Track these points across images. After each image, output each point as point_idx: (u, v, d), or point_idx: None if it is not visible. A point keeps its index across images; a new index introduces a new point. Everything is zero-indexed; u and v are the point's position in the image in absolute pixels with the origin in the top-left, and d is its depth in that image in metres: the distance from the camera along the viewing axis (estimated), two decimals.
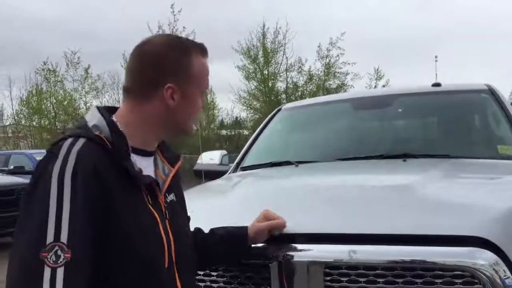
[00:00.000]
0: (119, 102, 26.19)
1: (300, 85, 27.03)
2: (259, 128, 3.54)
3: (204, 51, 1.35)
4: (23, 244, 1.05)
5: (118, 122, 1.25)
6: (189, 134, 1.38)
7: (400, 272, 1.42)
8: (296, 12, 36.59)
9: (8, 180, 9.14)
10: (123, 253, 1.14)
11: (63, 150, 1.12)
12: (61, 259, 1.02)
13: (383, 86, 25.50)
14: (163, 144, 1.41)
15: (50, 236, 1.03)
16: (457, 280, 1.38)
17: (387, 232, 1.50)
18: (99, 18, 38.69)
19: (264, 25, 25.91)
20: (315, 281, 1.48)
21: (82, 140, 1.14)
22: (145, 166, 1.27)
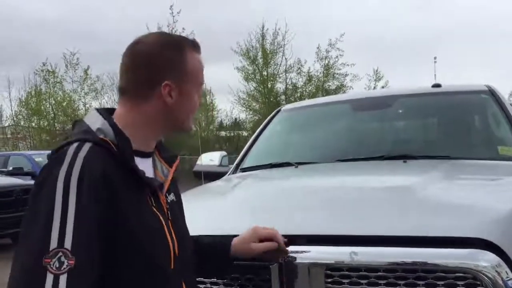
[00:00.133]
0: (117, 103, 26.01)
1: (299, 86, 27.06)
2: (259, 129, 3.53)
3: (197, 47, 1.35)
4: (26, 249, 1.03)
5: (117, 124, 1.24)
6: (187, 131, 1.38)
7: (401, 274, 1.41)
8: (296, 13, 36.47)
9: (7, 181, 9.10)
10: (130, 257, 1.13)
11: (69, 155, 1.10)
12: (64, 265, 0.99)
13: (382, 87, 25.51)
14: (160, 144, 1.40)
15: (53, 242, 1.00)
16: (459, 282, 1.37)
17: (389, 234, 1.49)
18: (99, 18, 38.67)
19: (263, 26, 25.95)
20: (316, 282, 1.47)
21: (88, 145, 1.13)
22: (144, 168, 1.26)
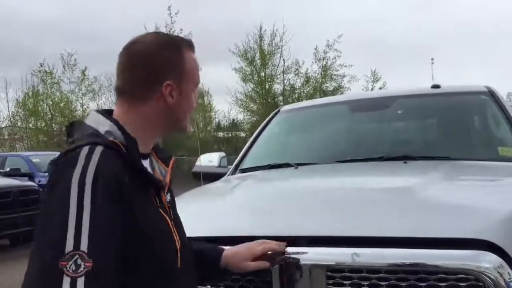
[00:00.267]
0: (115, 104, 25.95)
1: (297, 87, 27.10)
2: (258, 130, 3.52)
3: (193, 46, 1.36)
4: (42, 252, 1.02)
5: None
6: (185, 131, 1.39)
7: (403, 275, 1.40)
8: (294, 14, 36.69)
9: (4, 183, 9.05)
10: (143, 258, 1.13)
11: (82, 157, 1.09)
12: (81, 268, 0.99)
13: (380, 88, 25.55)
14: (156, 145, 1.40)
15: (69, 245, 1.00)
16: (461, 284, 1.36)
17: (390, 235, 1.48)
18: (99, 18, 38.62)
19: (261, 27, 25.99)
20: (317, 284, 1.47)
21: (100, 147, 1.12)
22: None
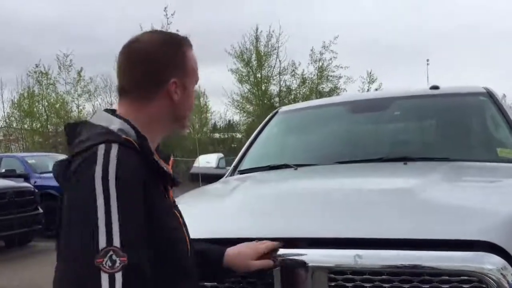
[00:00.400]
0: (111, 105, 25.95)
1: (293, 88, 27.09)
2: (256, 131, 3.51)
3: (191, 44, 1.37)
4: (76, 253, 1.02)
5: None
6: (185, 130, 1.39)
7: (406, 277, 1.40)
8: (290, 15, 36.66)
9: (0, 184, 9.02)
10: (163, 253, 1.15)
11: (100, 156, 1.09)
12: (117, 263, 1.01)
13: (376, 89, 25.57)
14: (158, 145, 1.40)
15: (102, 242, 1.01)
16: (464, 285, 1.36)
17: (393, 237, 1.48)
18: (99, 19, 38.50)
19: (257, 28, 25.97)
20: (319, 286, 1.46)
21: (116, 145, 1.12)
22: None
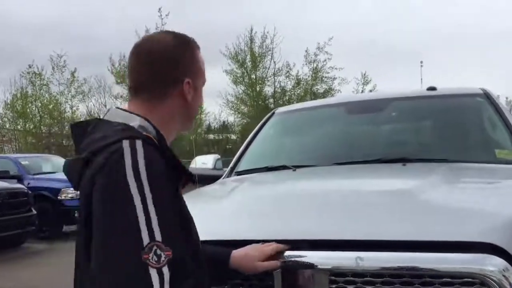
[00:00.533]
0: (105, 106, 25.93)
1: (288, 89, 27.16)
2: (253, 132, 3.49)
3: (199, 46, 1.39)
4: (121, 252, 1.02)
5: None
6: (189, 130, 1.41)
7: (408, 279, 1.39)
8: (285, 16, 36.68)
9: None
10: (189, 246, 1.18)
11: (127, 151, 1.09)
12: (162, 258, 1.02)
13: (370, 91, 25.66)
14: None
15: (145, 238, 1.02)
16: (466, 287, 1.35)
17: (393, 238, 1.47)
18: (99, 19, 38.38)
19: (251, 29, 26.03)
20: None
21: (140, 141, 1.12)
22: None
